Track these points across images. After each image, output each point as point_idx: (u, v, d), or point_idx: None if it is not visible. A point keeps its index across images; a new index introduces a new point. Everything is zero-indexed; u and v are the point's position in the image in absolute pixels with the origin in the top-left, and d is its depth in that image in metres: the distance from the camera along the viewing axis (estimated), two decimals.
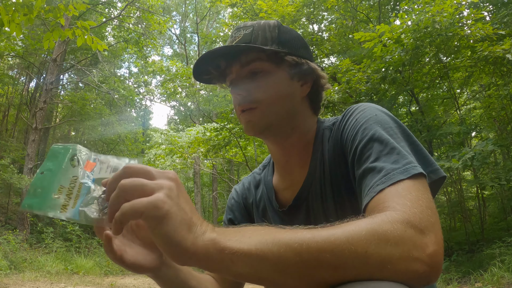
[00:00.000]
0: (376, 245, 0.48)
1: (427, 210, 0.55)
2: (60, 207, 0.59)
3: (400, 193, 0.58)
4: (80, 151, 0.63)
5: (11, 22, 4.00)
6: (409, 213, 0.53)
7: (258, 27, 0.85)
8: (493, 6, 6.80)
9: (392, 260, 0.48)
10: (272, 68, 0.83)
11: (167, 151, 11.75)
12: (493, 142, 4.75)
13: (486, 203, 7.71)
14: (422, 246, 0.50)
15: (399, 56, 5.79)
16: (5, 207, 11.45)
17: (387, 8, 8.99)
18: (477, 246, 5.91)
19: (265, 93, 0.82)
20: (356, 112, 0.78)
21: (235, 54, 0.83)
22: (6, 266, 6.75)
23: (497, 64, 5.72)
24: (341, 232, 0.49)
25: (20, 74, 15.50)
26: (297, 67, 0.85)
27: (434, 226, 0.54)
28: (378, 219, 0.52)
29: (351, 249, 0.48)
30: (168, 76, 10.92)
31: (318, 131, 0.89)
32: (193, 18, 22.30)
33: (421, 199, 0.57)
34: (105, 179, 0.59)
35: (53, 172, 0.61)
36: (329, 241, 0.48)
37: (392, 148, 0.66)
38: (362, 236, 0.49)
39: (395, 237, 0.49)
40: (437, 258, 0.51)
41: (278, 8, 7.72)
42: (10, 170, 9.77)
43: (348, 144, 0.76)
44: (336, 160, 0.82)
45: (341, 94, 6.69)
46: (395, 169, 0.62)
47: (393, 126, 0.72)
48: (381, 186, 0.60)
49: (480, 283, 4.41)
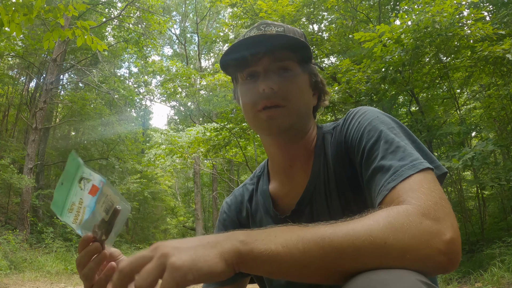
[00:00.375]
0: (394, 237, 0.51)
1: (440, 200, 0.58)
2: (73, 219, 0.69)
3: (413, 187, 0.60)
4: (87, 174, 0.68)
5: (11, 22, 4.00)
6: (424, 205, 0.56)
7: (288, 29, 0.86)
8: (493, 6, 6.80)
9: (410, 250, 0.51)
10: (300, 71, 0.84)
11: (167, 151, 11.75)
12: (493, 142, 4.74)
13: (486, 203, 7.71)
14: (438, 234, 0.52)
15: (399, 56, 5.79)
16: (5, 207, 11.45)
17: (387, 8, 8.99)
18: (477, 246, 5.91)
19: (294, 93, 0.83)
20: (358, 115, 0.81)
21: (270, 46, 0.82)
22: (6, 266, 6.75)
23: (497, 64, 5.72)
24: (360, 225, 0.53)
25: (20, 74, 15.49)
26: (315, 76, 0.89)
27: (449, 215, 0.56)
28: (394, 212, 0.54)
29: (371, 240, 0.51)
30: (168, 76, 10.92)
31: (319, 136, 0.90)
32: (193, 18, 22.30)
33: (434, 191, 0.59)
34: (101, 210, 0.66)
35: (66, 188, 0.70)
36: (349, 234, 0.51)
37: (398, 146, 0.69)
38: (380, 229, 0.52)
39: (412, 228, 0.52)
40: (455, 246, 0.53)
41: (278, 8, 7.72)
42: (10, 170, 9.77)
43: (354, 146, 0.78)
44: (340, 163, 0.83)
45: (341, 94, 6.69)
46: (403, 165, 0.64)
47: (395, 126, 0.75)
48: (393, 184, 0.62)
49: (480, 283, 4.41)
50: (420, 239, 0.51)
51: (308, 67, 0.87)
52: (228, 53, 0.83)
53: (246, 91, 0.85)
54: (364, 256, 0.51)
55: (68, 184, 0.69)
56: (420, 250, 0.51)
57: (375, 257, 0.50)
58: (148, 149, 18.83)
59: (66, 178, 0.69)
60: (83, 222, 0.69)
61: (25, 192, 10.16)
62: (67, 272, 7.71)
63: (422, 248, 0.51)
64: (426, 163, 0.65)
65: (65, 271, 7.77)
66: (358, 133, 0.77)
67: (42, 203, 11.74)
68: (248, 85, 0.84)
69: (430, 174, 0.64)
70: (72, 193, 0.68)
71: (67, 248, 9.52)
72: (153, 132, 25.17)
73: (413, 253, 0.51)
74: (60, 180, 0.70)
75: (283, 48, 0.82)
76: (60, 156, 15.00)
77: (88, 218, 0.68)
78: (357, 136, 0.77)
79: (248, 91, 0.84)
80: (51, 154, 14.96)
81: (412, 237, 0.51)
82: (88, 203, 0.68)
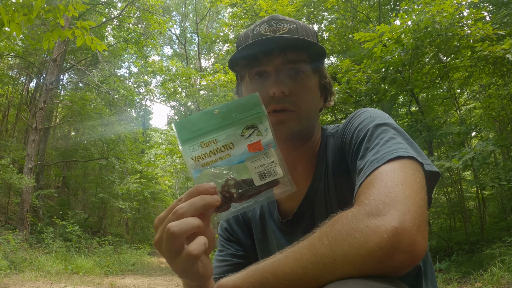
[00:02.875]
0: (341, 253, 0.50)
1: (395, 187, 0.54)
2: (197, 156, 0.56)
3: (371, 182, 0.58)
4: (262, 128, 0.57)
5: (11, 22, 4.00)
6: (371, 202, 0.53)
7: (301, 26, 0.82)
8: (493, 6, 6.80)
9: (361, 260, 0.49)
10: (311, 73, 0.82)
11: (167, 151, 11.75)
12: (493, 142, 4.75)
13: (486, 203, 7.70)
14: (378, 231, 0.49)
15: (399, 56, 5.79)
16: (5, 207, 11.44)
17: (387, 8, 8.99)
18: (477, 246, 5.90)
19: (305, 98, 0.80)
20: (355, 117, 0.80)
21: (283, 47, 0.78)
22: (6, 266, 6.75)
23: (497, 64, 5.72)
24: (307, 248, 0.53)
25: (20, 74, 15.49)
26: (324, 78, 0.87)
27: (399, 202, 0.51)
28: (339, 223, 0.53)
29: (319, 261, 0.50)
30: (168, 76, 10.93)
31: (323, 139, 0.89)
32: (193, 18, 22.29)
33: (392, 179, 0.56)
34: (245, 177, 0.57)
35: (220, 121, 0.57)
36: (298, 259, 0.53)
37: (377, 143, 0.66)
38: (325, 247, 0.51)
39: (357, 236, 0.50)
40: (400, 237, 0.48)
41: (278, 8, 7.72)
42: (10, 170, 9.76)
43: (347, 148, 0.78)
44: (339, 166, 0.82)
45: (341, 94, 6.69)
46: (372, 160, 0.62)
47: (386, 123, 0.72)
48: (360, 182, 0.61)
49: (480, 283, 4.40)
50: (368, 244, 0.48)
51: (319, 69, 0.85)
52: (241, 50, 0.80)
53: (254, 91, 0.79)
54: (318, 276, 0.50)
55: (226, 119, 0.57)
56: (373, 255, 0.48)
57: (329, 275, 0.50)
58: (148, 149, 18.84)
59: (229, 111, 0.57)
60: (209, 165, 0.57)
61: (25, 192, 10.16)
62: (67, 272, 7.71)
63: (374, 253, 0.48)
64: (400, 151, 0.61)
65: (65, 271, 7.76)
66: (349, 135, 0.77)
67: (42, 203, 11.74)
68: (257, 85, 0.81)
69: (400, 162, 0.59)
70: (225, 131, 0.57)
71: (67, 248, 9.51)
72: (153, 132, 25.20)
73: (367, 261, 0.48)
74: (215, 108, 0.57)
75: (296, 49, 0.79)
76: (60, 156, 15.00)
77: (220, 166, 0.56)
78: (348, 139, 0.77)
79: (257, 91, 0.78)
80: (51, 154, 14.95)
81: (360, 246, 0.49)
82: (238, 154, 0.56)
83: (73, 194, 16.93)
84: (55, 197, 13.98)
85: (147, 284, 7.36)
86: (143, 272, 9.91)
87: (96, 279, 7.53)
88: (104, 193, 14.71)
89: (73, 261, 8.47)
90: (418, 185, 0.56)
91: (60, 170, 16.17)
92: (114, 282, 7.12)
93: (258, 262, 0.58)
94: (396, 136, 0.68)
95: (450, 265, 5.41)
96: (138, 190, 15.70)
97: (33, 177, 11.19)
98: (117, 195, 14.79)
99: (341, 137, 0.82)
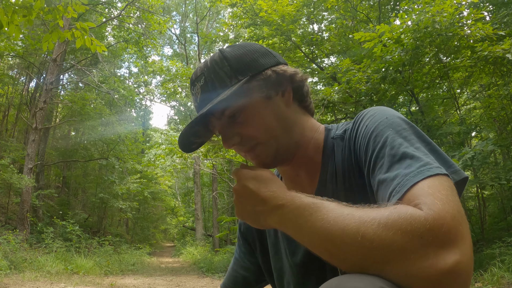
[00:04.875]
0: (385, 235, 0.48)
1: (459, 214, 0.50)
2: None
3: (424, 192, 0.53)
4: None
5: (10, 24, 4.00)
6: (436, 216, 0.49)
7: (208, 71, 0.78)
8: (493, 6, 6.80)
9: (397, 258, 0.48)
10: (246, 101, 0.77)
11: (167, 151, 11.74)
12: (493, 142, 4.74)
13: (486, 203, 7.70)
14: (434, 262, 0.46)
15: (399, 56, 5.79)
16: (5, 207, 11.45)
17: (387, 8, 8.99)
18: (477, 246, 5.91)
19: (254, 128, 0.78)
20: (366, 118, 0.74)
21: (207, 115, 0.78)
22: (6, 266, 6.75)
23: (497, 64, 5.72)
24: (357, 216, 0.52)
25: (20, 74, 15.50)
26: (267, 82, 0.77)
27: (464, 238, 0.49)
28: (395, 214, 0.50)
29: (358, 237, 0.50)
30: (168, 76, 10.93)
31: (327, 140, 0.83)
32: (193, 18, 22.29)
33: (451, 199, 0.52)
34: None
35: None
36: (340, 224, 0.52)
37: (404, 152, 0.61)
38: (374, 227, 0.50)
39: (407, 237, 0.48)
40: (455, 274, 0.46)
41: (278, 8, 7.72)
42: (10, 170, 9.77)
43: (362, 155, 0.72)
44: (350, 172, 0.77)
45: (341, 94, 6.69)
46: (408, 173, 0.57)
47: (406, 128, 0.67)
48: (397, 196, 0.56)
49: (480, 283, 4.40)
50: (411, 253, 0.47)
51: (251, 88, 0.76)
52: (182, 140, 0.82)
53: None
54: (349, 251, 0.50)
55: None
56: (406, 264, 0.47)
57: (357, 253, 0.50)
58: (148, 149, 18.84)
59: None
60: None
61: (25, 192, 10.16)
62: (67, 272, 7.71)
63: (409, 264, 0.47)
64: (438, 168, 0.57)
65: (65, 271, 7.77)
66: (365, 140, 0.71)
67: (42, 203, 11.75)
68: (224, 146, 0.83)
69: (443, 180, 0.56)
70: None
71: (67, 248, 9.51)
72: (153, 132, 25.22)
73: (398, 264, 0.47)
74: None
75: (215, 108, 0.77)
76: (60, 156, 15.00)
77: None
78: (364, 144, 0.71)
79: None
80: (51, 154, 14.96)
81: (404, 247, 0.47)
82: None
83: (73, 194, 16.95)
84: (55, 197, 13.99)
85: (147, 284, 7.36)
86: (143, 272, 9.92)
87: (96, 279, 7.53)
88: (104, 193, 14.72)
89: (73, 261, 8.47)
90: (464, 212, 0.53)
91: (60, 170, 16.18)
92: (114, 282, 7.12)
93: (312, 196, 0.60)
94: (419, 144, 0.64)
95: None
96: (138, 190, 15.72)
97: (33, 177, 11.20)
98: (117, 195, 14.80)
99: (354, 140, 0.76)
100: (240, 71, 0.76)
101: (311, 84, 9.53)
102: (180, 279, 8.47)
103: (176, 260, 14.66)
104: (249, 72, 0.76)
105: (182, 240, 20.05)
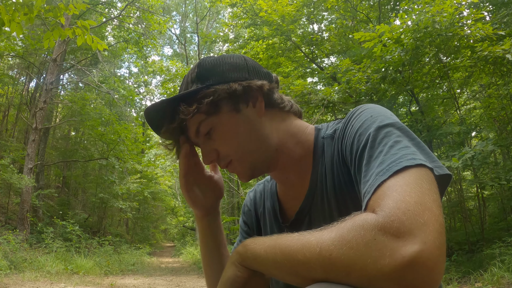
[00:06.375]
0: (339, 251, 0.49)
1: (415, 207, 0.50)
2: None
3: (384, 193, 0.54)
4: None
5: (12, 22, 4.00)
6: (387, 215, 0.49)
7: (186, 75, 0.83)
8: (493, 6, 6.80)
9: (355, 268, 0.48)
10: (219, 118, 0.77)
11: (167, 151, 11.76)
12: (493, 142, 4.75)
13: (486, 203, 7.70)
14: (391, 254, 0.46)
15: (399, 56, 5.79)
16: (5, 207, 11.44)
17: (387, 8, 8.99)
18: (477, 246, 5.91)
19: (227, 146, 0.79)
20: (353, 117, 0.74)
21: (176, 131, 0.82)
22: (6, 266, 6.75)
23: (497, 64, 5.72)
24: (315, 236, 0.53)
25: (20, 74, 15.50)
26: (232, 95, 0.76)
27: (422, 227, 0.48)
28: (351, 224, 0.51)
29: (318, 252, 0.51)
30: (168, 76, 10.94)
31: (317, 140, 0.83)
32: (193, 18, 22.31)
33: (410, 194, 0.52)
34: None
35: None
36: (303, 245, 0.54)
37: (381, 151, 0.62)
38: (330, 241, 0.51)
39: (361, 243, 0.48)
40: (412, 271, 0.46)
41: (278, 8, 7.72)
42: (10, 170, 9.76)
43: (348, 155, 0.72)
44: (339, 171, 0.77)
45: (341, 94, 6.70)
46: (378, 173, 0.58)
47: (389, 123, 0.67)
48: (368, 196, 0.57)
49: (480, 283, 4.41)
50: (367, 257, 0.47)
51: (217, 105, 0.76)
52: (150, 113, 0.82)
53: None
54: (312, 267, 0.51)
55: None
56: (366, 270, 0.47)
57: (321, 269, 0.51)
58: (148, 149, 18.85)
59: None
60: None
61: (25, 192, 10.16)
62: (67, 272, 7.71)
63: (368, 268, 0.47)
64: (410, 160, 0.57)
65: (65, 271, 7.76)
66: (350, 140, 0.71)
67: (42, 203, 11.74)
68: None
69: (410, 173, 0.56)
70: None
71: (67, 248, 9.51)
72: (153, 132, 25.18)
73: (358, 271, 0.47)
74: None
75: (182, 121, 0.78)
76: (60, 156, 15.00)
77: None
78: (349, 144, 0.71)
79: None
80: (51, 154, 14.96)
81: (360, 255, 0.47)
82: None
83: (73, 194, 16.94)
84: (55, 197, 13.98)
85: (147, 284, 7.36)
86: (143, 272, 9.91)
87: (96, 279, 7.53)
88: (104, 193, 14.71)
89: (73, 261, 8.47)
90: (433, 199, 0.53)
91: (60, 170, 16.17)
92: (114, 282, 7.12)
93: (281, 234, 0.60)
94: (401, 139, 0.63)
95: (450, 265, 5.41)
96: (138, 190, 15.71)
97: (33, 177, 11.19)
98: (117, 195, 14.79)
99: (341, 139, 0.76)
100: (202, 78, 0.78)
101: (311, 84, 9.53)
102: (180, 279, 8.46)
103: (176, 260, 14.66)
104: (210, 81, 0.77)
105: (182, 240, 20.05)
